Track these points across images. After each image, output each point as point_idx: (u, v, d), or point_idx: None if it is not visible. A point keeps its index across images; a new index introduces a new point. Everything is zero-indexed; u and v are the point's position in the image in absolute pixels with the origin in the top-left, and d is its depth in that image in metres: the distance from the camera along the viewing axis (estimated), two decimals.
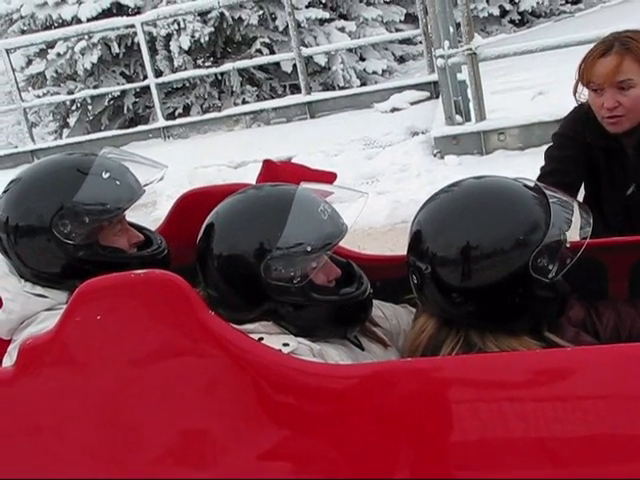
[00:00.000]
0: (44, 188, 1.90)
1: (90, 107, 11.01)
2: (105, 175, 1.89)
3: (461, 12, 5.68)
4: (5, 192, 1.95)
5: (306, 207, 1.77)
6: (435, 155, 5.95)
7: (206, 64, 10.55)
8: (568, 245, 1.67)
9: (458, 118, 6.16)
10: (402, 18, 11.80)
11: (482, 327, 1.67)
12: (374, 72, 10.88)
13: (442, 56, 5.88)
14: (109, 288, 1.67)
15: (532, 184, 1.73)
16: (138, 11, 10.22)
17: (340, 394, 1.61)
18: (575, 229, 1.70)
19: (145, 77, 9.66)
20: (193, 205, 2.37)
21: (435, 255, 1.65)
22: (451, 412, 1.54)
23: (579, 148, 2.41)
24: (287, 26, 9.79)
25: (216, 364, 1.63)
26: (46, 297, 1.90)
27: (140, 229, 2.07)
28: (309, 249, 1.72)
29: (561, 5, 12.98)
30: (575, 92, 2.44)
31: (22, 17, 10.81)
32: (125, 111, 10.60)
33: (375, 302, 1.93)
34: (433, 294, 1.68)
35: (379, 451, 1.58)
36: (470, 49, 5.62)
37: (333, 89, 9.98)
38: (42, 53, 10.67)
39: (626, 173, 2.40)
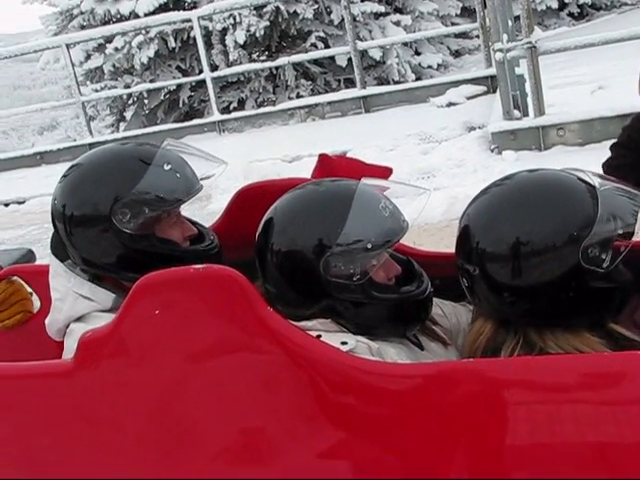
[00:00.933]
0: (105, 176, 1.89)
1: (146, 101, 11.14)
2: (167, 167, 1.89)
3: (520, 5, 5.58)
4: (65, 177, 1.95)
5: (367, 203, 1.74)
6: (492, 150, 5.86)
7: (261, 58, 10.59)
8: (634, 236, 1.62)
9: (516, 113, 6.06)
10: (458, 12, 11.70)
11: (540, 325, 1.62)
12: (429, 66, 10.81)
13: (501, 50, 5.79)
14: (168, 282, 1.66)
15: (584, 175, 1.67)
16: (194, 5, 10.29)
17: (399, 394, 1.58)
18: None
19: (201, 71, 9.72)
20: (250, 200, 2.36)
21: (484, 252, 1.60)
22: (511, 415, 1.50)
23: (637, 157, 2.35)
24: (342, 20, 9.78)
25: (274, 361, 1.61)
26: (92, 300, 1.89)
27: (193, 223, 2.07)
28: (370, 246, 1.69)
29: None
30: None
31: (82, 13, 10.97)
32: (181, 105, 10.69)
33: (435, 300, 1.88)
34: (485, 294, 1.64)
35: (437, 453, 1.55)
36: (530, 42, 5.52)
37: (388, 83, 9.94)
38: (100, 48, 10.83)
39: None
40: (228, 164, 2.10)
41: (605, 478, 1.45)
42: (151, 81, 10.40)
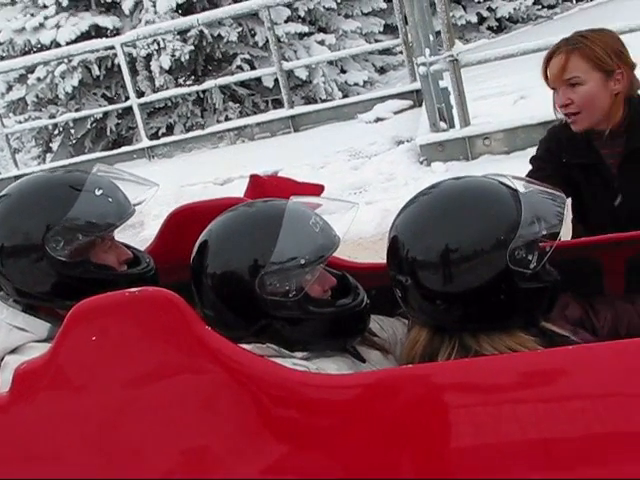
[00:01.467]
0: (35, 205, 1.87)
1: (72, 131, 11.00)
2: (98, 192, 1.88)
3: (440, 20, 5.70)
4: None
5: (297, 221, 1.76)
6: (421, 163, 5.95)
7: (187, 82, 10.56)
8: (560, 237, 1.67)
9: (442, 125, 6.17)
10: (381, 29, 11.86)
11: (474, 329, 1.65)
12: (355, 84, 10.92)
13: (424, 64, 5.90)
14: (103, 307, 1.64)
15: (506, 180, 1.71)
16: (117, 32, 10.22)
17: (341, 405, 1.59)
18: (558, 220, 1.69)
19: (127, 98, 9.65)
20: (183, 222, 2.36)
21: (415, 262, 1.63)
22: (452, 417, 1.52)
23: (556, 168, 2.42)
24: (267, 41, 9.83)
25: (215, 380, 1.61)
26: (26, 331, 1.86)
27: (128, 247, 2.05)
28: (303, 262, 1.71)
29: (537, 10, 13.07)
30: (554, 104, 2.45)
31: (0, 43, 10.79)
32: (108, 133, 10.59)
33: (372, 316, 1.91)
34: (419, 303, 1.67)
35: (382, 461, 1.56)
36: (451, 55, 5.64)
37: (315, 102, 10.00)
38: (22, 78, 10.65)
39: (608, 185, 2.41)
40: (159, 185, 2.10)
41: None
42: (76, 110, 10.27)
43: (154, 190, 2.06)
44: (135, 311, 1.62)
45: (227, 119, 10.03)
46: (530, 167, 2.51)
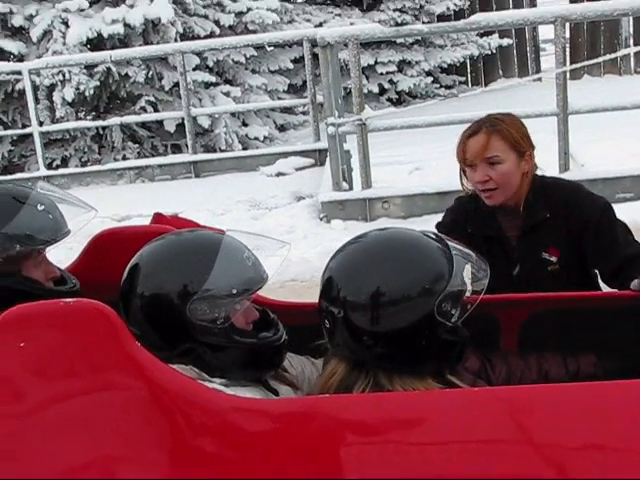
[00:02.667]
0: None
1: None
2: (40, 207, 1.91)
3: (353, 84, 5.91)
4: None
5: (232, 252, 1.84)
6: (321, 219, 6.09)
7: (88, 117, 10.43)
8: (468, 294, 1.79)
9: (344, 185, 6.34)
10: (285, 88, 12.07)
11: (390, 369, 1.74)
12: (256, 138, 11.01)
13: (333, 124, 6.07)
14: (37, 315, 1.66)
15: (435, 235, 1.85)
16: (22, 58, 10.04)
17: (257, 430, 1.65)
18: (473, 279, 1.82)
19: (24, 126, 9.46)
20: (107, 244, 2.38)
21: (347, 300, 1.73)
22: (341, 450, 1.61)
23: (460, 236, 2.56)
24: (173, 86, 9.87)
25: (137, 395, 1.64)
26: None
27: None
28: (234, 292, 1.79)
29: (436, 89, 13.66)
30: (461, 178, 2.62)
31: None
32: (0, 158, 10.30)
33: None
34: (344, 337, 1.75)
35: None
36: (360, 119, 5.84)
37: (214, 151, 10.04)
38: None
39: (508, 255, 2.57)
40: (98, 211, 2.14)
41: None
42: None
43: (92, 214, 2.10)
44: (68, 321, 1.65)
45: (124, 158, 9.94)
46: (429, 227, 2.66)
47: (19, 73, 8.79)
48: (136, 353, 1.64)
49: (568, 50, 13.48)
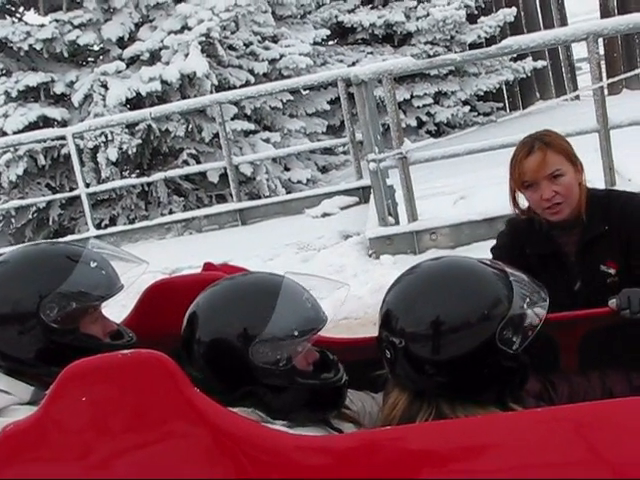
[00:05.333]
0: (33, 273, 1.93)
1: (13, 219, 10.88)
2: (93, 264, 1.96)
3: (390, 119, 5.93)
4: None
5: (293, 294, 1.86)
6: (370, 255, 6.08)
7: (132, 175, 10.62)
8: (531, 319, 1.77)
9: (390, 220, 6.34)
10: (324, 130, 12.18)
11: (452, 398, 1.73)
12: (299, 181, 11.11)
13: (374, 160, 6.09)
14: (96, 368, 1.68)
15: (490, 262, 1.84)
16: (65, 124, 10.28)
17: (324, 468, 1.63)
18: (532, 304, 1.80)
19: (71, 189, 9.66)
20: (160, 296, 2.41)
21: (407, 330, 1.73)
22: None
23: (516, 258, 2.54)
24: (213, 137, 10.01)
25: (202, 442, 1.64)
26: (9, 394, 1.88)
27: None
28: (296, 334, 1.80)
29: (474, 117, 13.64)
30: (514, 201, 2.60)
31: None
32: (50, 223, 10.51)
33: None
34: (405, 367, 1.75)
35: None
36: (401, 153, 5.85)
37: (259, 198, 10.13)
38: None
39: (568, 272, 2.55)
40: (149, 263, 2.17)
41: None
42: (19, 199, 10.21)
43: (144, 267, 2.14)
44: (127, 372, 1.67)
45: (171, 213, 10.08)
46: (491, 256, 2.64)
47: (63, 138, 8.98)
48: (195, 398, 1.65)
49: (604, 65, 13.38)
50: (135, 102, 10.19)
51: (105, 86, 10.09)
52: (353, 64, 12.45)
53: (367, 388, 2.20)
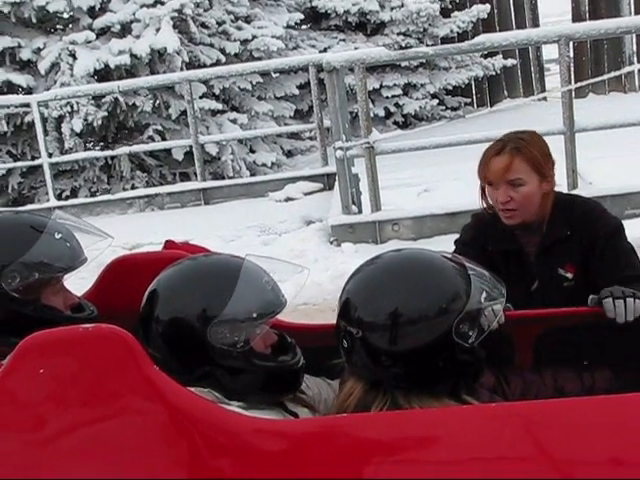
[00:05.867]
0: None
1: None
2: (57, 236, 1.94)
3: (360, 108, 5.95)
4: None
5: (253, 276, 1.87)
6: (332, 242, 6.10)
7: (96, 148, 10.50)
8: (488, 315, 1.81)
9: (353, 208, 6.36)
10: (292, 114, 12.13)
11: (408, 389, 1.76)
12: (263, 164, 11.07)
13: (341, 148, 6.11)
14: (56, 341, 1.67)
15: (451, 256, 1.86)
16: (30, 91, 10.13)
17: (278, 451, 1.65)
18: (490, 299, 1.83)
19: (33, 157, 9.53)
20: (122, 271, 2.40)
21: (365, 320, 1.75)
22: (360, 469, 1.62)
23: (478, 253, 2.57)
24: (180, 115, 9.93)
25: (158, 419, 1.65)
26: None
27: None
28: (255, 316, 1.80)
29: (442, 110, 13.69)
30: (483, 195, 2.62)
31: None
32: (10, 190, 10.36)
33: None
34: (362, 357, 1.77)
35: None
36: (368, 142, 5.87)
37: (222, 179, 10.09)
38: None
39: (527, 271, 2.58)
40: (114, 238, 2.16)
41: None
42: None
43: (109, 241, 2.13)
44: (86, 346, 1.66)
45: (133, 188, 9.98)
46: (454, 249, 2.67)
47: (28, 105, 8.87)
48: (155, 377, 1.65)
49: (572, 69, 13.52)
50: (103, 74, 10.05)
51: (73, 55, 9.94)
52: (325, 50, 12.40)
53: (324, 375, 2.22)
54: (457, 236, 2.75)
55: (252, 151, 11.28)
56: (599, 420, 1.61)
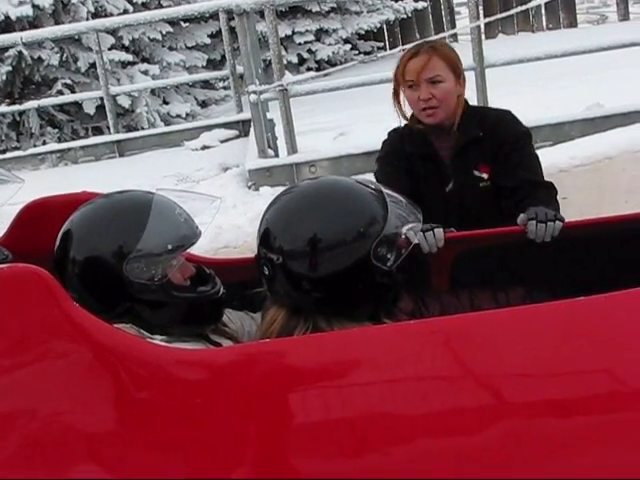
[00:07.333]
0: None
1: None
2: None
3: (272, 51, 5.90)
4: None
5: (164, 209, 1.86)
6: (250, 187, 6.08)
7: (2, 104, 10.16)
8: (405, 238, 1.85)
9: (270, 152, 6.34)
10: (204, 64, 11.97)
11: (329, 313, 1.80)
12: (178, 115, 10.91)
13: (255, 92, 6.06)
14: None
15: (368, 182, 1.89)
16: None
17: (203, 381, 1.67)
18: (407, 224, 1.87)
19: None
20: (36, 215, 2.36)
21: (284, 248, 1.77)
22: (284, 394, 1.66)
23: (400, 160, 2.66)
24: (89, 68, 9.67)
25: (81, 356, 1.64)
26: None
27: None
28: (170, 247, 1.81)
29: (355, 55, 13.70)
30: (397, 103, 2.72)
31: None
32: None
33: None
34: (283, 284, 1.80)
35: (241, 436, 1.64)
36: (282, 85, 5.84)
37: (137, 131, 9.90)
38: None
39: (441, 173, 2.67)
40: (24, 180, 2.11)
41: None
42: None
43: (19, 185, 2.08)
44: (3, 287, 1.64)
45: (44, 144, 9.72)
46: (377, 167, 2.74)
47: None
48: (75, 313, 1.65)
49: (482, 10, 13.63)
50: (4, 26, 9.68)
51: None
52: None
53: (247, 309, 2.24)
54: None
55: (166, 102, 11.09)
56: (515, 331, 1.66)
